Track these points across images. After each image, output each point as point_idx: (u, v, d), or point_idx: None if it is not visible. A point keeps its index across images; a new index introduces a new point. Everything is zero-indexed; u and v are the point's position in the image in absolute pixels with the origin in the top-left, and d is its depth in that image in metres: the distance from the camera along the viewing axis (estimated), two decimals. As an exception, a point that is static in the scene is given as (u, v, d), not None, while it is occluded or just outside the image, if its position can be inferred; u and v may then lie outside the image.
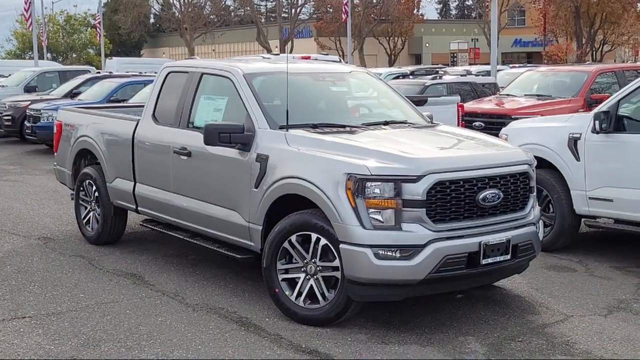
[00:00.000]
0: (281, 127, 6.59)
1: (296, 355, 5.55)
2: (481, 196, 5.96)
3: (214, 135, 6.61)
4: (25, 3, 34.58)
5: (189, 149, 7.27)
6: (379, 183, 5.73)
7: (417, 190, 5.73)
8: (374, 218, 5.74)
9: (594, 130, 7.93)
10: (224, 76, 7.26)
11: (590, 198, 8.05)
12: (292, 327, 6.08)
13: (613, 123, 7.82)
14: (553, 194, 8.38)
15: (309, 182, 6.03)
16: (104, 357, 5.52)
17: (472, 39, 63.26)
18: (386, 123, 7.11)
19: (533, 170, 6.51)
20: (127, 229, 9.25)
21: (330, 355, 5.54)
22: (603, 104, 8.05)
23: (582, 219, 8.50)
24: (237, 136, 6.61)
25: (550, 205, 8.44)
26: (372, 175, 5.74)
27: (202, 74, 7.57)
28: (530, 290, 7.13)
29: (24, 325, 6.18)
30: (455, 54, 56.40)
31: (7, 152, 19.34)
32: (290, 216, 6.22)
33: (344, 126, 6.79)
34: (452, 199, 5.87)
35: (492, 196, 6.01)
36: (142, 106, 8.55)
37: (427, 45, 73.27)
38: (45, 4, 56.90)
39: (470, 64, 45.99)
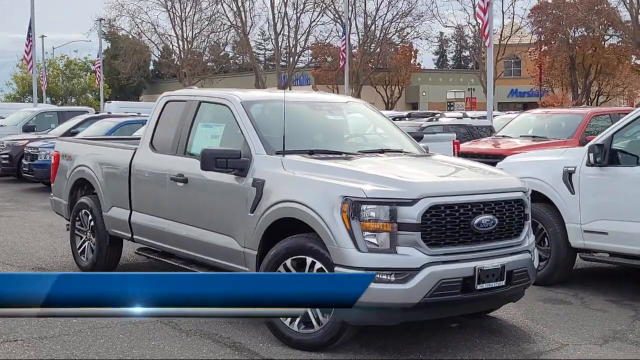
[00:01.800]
0: (277, 153, 6.63)
1: (290, 377, 5.52)
2: (476, 221, 5.98)
3: (211, 160, 6.64)
4: (27, 45, 34.94)
5: (186, 175, 7.31)
6: (375, 206, 5.75)
7: (412, 214, 5.75)
8: (369, 241, 5.75)
9: (588, 163, 7.98)
10: (221, 104, 7.33)
11: (585, 231, 8.07)
12: (286, 352, 6.05)
13: (607, 156, 7.87)
14: (548, 227, 8.39)
15: (304, 205, 6.05)
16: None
17: (468, 89, 63.87)
18: (382, 151, 7.16)
19: (528, 198, 6.54)
20: (121, 260, 9.23)
21: (324, 378, 5.51)
22: (597, 137, 8.12)
23: (577, 253, 8.49)
24: (233, 161, 6.65)
25: (546, 239, 8.45)
26: (367, 198, 5.76)
27: (200, 102, 7.65)
28: (525, 320, 7.10)
29: (16, 347, 6.14)
30: (452, 103, 56.98)
31: (3, 190, 19.33)
32: (285, 240, 6.23)
33: (340, 153, 6.84)
34: (447, 223, 5.89)
35: (487, 222, 6.03)
36: (140, 139, 8.60)
37: (424, 94, 73.77)
38: (46, 49, 57.54)
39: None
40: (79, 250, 9.07)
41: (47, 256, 10.01)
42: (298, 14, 55.73)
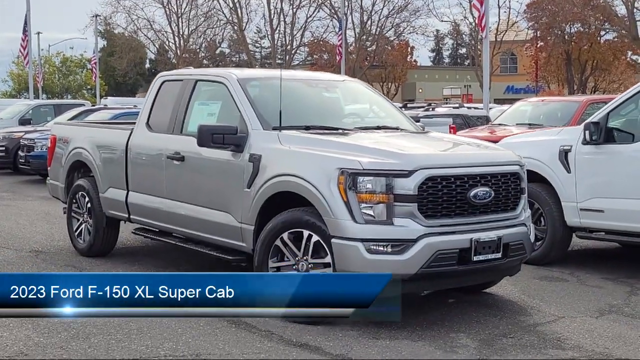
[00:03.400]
0: (274, 129, 6.64)
1: (287, 349, 5.52)
2: (472, 193, 5.99)
3: (207, 136, 6.65)
4: (23, 40, 34.87)
5: (182, 153, 7.31)
6: (371, 178, 5.77)
7: (408, 185, 5.77)
8: (365, 213, 5.77)
9: (584, 142, 7.99)
10: (218, 82, 7.33)
11: (581, 209, 8.08)
12: (283, 325, 6.04)
13: (603, 134, 7.89)
14: (544, 206, 8.41)
15: (301, 178, 6.07)
16: (93, 349, 5.49)
17: (465, 86, 63.86)
18: (379, 128, 7.18)
19: (524, 172, 6.56)
20: (118, 244, 9.22)
21: (321, 349, 5.52)
22: (593, 115, 8.14)
23: (574, 232, 8.50)
24: (230, 137, 6.65)
25: (542, 219, 8.46)
26: (364, 169, 5.78)
27: (197, 81, 7.65)
28: (521, 296, 7.12)
29: (13, 321, 6.13)
30: (448, 99, 56.89)
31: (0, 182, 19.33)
32: (282, 214, 6.24)
33: (336, 129, 6.86)
34: (443, 195, 5.91)
35: (483, 194, 6.05)
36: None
37: (421, 90, 73.76)
38: (42, 46, 57.49)
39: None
40: (76, 233, 9.06)
41: (44, 240, 10.00)
42: (294, 10, 55.71)
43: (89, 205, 8.80)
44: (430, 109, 17.49)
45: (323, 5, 55.24)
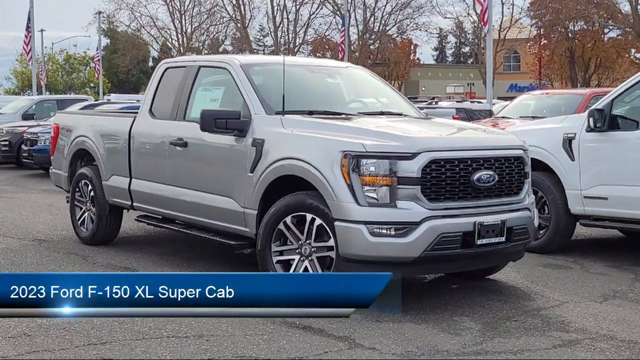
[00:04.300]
0: (277, 113, 6.63)
1: (289, 330, 5.51)
2: (476, 177, 5.97)
3: (210, 120, 6.64)
4: (26, 37, 34.87)
5: (185, 139, 7.30)
6: (374, 160, 5.75)
7: (412, 168, 5.75)
8: (369, 195, 5.76)
9: (588, 129, 7.97)
10: (221, 67, 7.32)
11: (585, 197, 8.06)
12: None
13: (607, 121, 7.86)
14: (548, 195, 8.38)
15: (304, 161, 6.05)
16: (96, 330, 5.48)
17: (468, 84, 63.82)
18: (382, 113, 7.16)
19: (528, 157, 6.53)
20: (120, 233, 9.22)
21: (324, 331, 5.50)
22: (598, 102, 8.12)
23: (578, 220, 8.47)
24: (233, 122, 6.64)
25: (546, 207, 8.44)
26: (367, 152, 5.76)
27: (200, 67, 7.64)
28: (525, 282, 7.11)
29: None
30: (451, 97, 56.89)
31: (3, 176, 19.28)
32: (285, 197, 6.23)
33: (339, 113, 6.84)
34: (447, 178, 5.89)
35: (487, 177, 6.03)
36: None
37: (424, 89, 73.68)
38: (45, 44, 57.50)
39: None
40: (79, 221, 9.06)
41: (47, 229, 9.99)
42: (297, 7, 55.67)
43: (92, 193, 8.79)
44: (434, 103, 17.46)
45: (326, 2, 55.17)
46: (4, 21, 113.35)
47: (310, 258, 6.08)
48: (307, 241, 6.08)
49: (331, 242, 5.94)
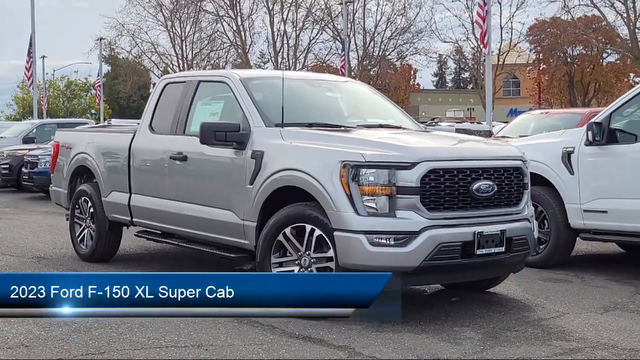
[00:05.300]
0: (276, 125, 6.65)
1: (289, 340, 5.49)
2: (475, 187, 5.98)
3: (210, 133, 6.66)
4: (27, 62, 35.02)
5: (185, 153, 7.32)
6: (374, 170, 5.76)
7: (411, 178, 5.76)
8: (368, 205, 5.76)
9: (587, 143, 7.98)
10: (221, 81, 7.36)
11: (584, 211, 8.05)
12: (286, 319, 6.00)
13: (606, 135, 7.88)
14: (548, 209, 8.37)
15: (303, 172, 6.06)
16: (95, 341, 5.46)
17: (468, 109, 64.01)
18: (381, 126, 7.19)
19: (527, 168, 6.54)
20: (120, 251, 9.20)
21: (324, 341, 5.48)
22: (597, 116, 8.14)
23: (578, 234, 8.46)
24: (232, 135, 6.66)
25: (545, 221, 8.43)
26: (366, 162, 5.77)
27: (199, 81, 7.68)
28: (525, 294, 7.09)
29: (14, 316, 6.10)
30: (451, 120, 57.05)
31: (3, 199, 19.29)
32: (284, 209, 6.23)
33: (339, 126, 6.86)
34: (446, 188, 5.89)
35: (486, 187, 6.03)
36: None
37: (424, 113, 73.88)
38: (47, 70, 57.78)
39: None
40: (79, 239, 9.04)
41: (46, 248, 9.98)
42: (297, 32, 55.94)
43: (91, 210, 8.79)
44: (434, 124, 17.51)
45: (326, 27, 55.46)
46: (5, 50, 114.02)
47: (309, 269, 6.07)
48: (307, 252, 6.07)
49: (330, 253, 5.93)
